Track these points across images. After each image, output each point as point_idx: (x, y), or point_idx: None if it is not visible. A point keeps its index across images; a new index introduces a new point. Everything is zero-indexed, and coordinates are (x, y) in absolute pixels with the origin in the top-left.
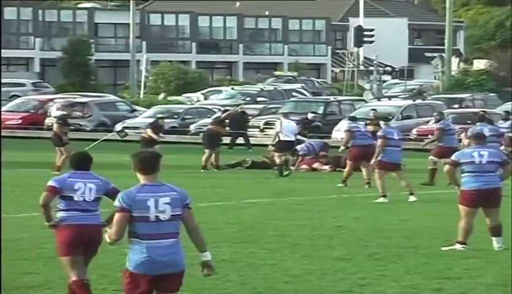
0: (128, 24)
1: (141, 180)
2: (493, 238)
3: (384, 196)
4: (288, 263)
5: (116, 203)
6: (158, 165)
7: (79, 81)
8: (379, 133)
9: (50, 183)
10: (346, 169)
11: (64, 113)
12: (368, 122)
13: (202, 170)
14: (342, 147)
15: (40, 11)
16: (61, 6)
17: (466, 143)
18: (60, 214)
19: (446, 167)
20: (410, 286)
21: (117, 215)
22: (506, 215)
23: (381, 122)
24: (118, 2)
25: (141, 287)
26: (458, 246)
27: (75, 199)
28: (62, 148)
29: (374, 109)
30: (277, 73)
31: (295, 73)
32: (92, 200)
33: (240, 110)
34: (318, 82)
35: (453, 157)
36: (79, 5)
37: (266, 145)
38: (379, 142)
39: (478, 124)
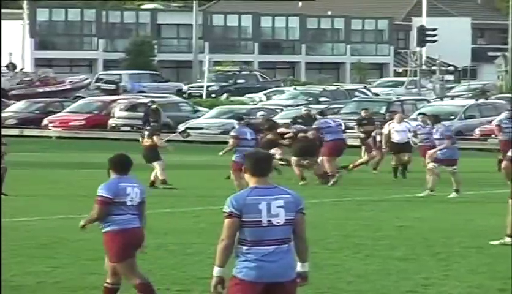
0: (191, 24)
1: (252, 183)
2: None
3: None
4: (351, 263)
5: (225, 208)
6: (271, 166)
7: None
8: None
9: (103, 193)
10: (328, 166)
11: None
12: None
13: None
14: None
15: (104, 13)
16: (124, 7)
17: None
18: (112, 219)
19: (504, 163)
20: (475, 287)
21: (226, 221)
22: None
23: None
24: (181, 3)
25: None
26: (507, 239)
27: (128, 204)
28: None
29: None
30: (217, 67)
31: (236, 68)
32: (136, 204)
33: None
34: (261, 75)
35: (510, 153)
36: (142, 6)
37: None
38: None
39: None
